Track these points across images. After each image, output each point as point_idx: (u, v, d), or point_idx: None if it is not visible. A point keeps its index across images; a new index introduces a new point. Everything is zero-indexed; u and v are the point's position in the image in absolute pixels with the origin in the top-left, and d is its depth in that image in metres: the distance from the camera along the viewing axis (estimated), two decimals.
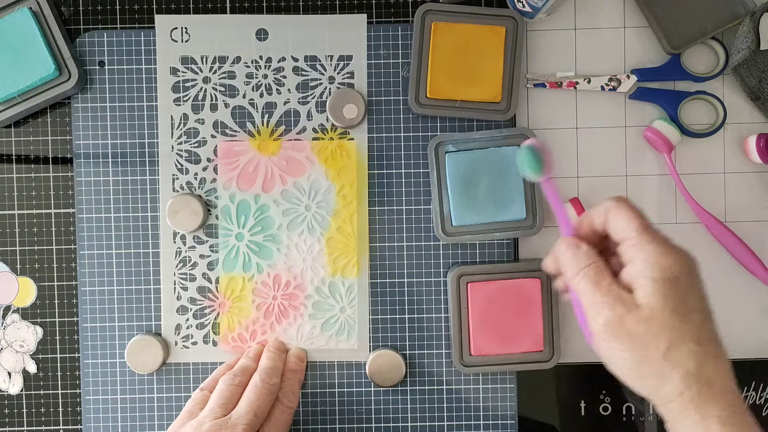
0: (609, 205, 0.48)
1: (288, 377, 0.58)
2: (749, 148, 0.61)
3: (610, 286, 0.46)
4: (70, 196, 0.62)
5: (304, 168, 0.62)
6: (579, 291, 0.48)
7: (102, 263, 0.62)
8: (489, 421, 0.62)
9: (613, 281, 0.47)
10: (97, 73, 0.62)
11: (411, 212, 0.62)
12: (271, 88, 0.62)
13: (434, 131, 0.62)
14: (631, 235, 0.47)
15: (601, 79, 0.61)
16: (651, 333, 0.45)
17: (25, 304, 0.62)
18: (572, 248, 0.49)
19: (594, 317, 0.47)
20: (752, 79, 0.60)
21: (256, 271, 0.62)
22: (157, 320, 0.62)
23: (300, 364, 0.60)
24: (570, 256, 0.49)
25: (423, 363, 0.62)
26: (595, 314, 0.46)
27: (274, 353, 0.59)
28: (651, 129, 0.60)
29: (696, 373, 0.44)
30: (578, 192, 0.62)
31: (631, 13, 0.62)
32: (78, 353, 0.62)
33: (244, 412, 0.53)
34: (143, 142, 0.62)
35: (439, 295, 0.62)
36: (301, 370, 0.60)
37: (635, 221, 0.47)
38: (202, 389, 0.57)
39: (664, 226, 0.62)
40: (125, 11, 0.62)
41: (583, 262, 0.48)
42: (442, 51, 0.60)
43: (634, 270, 0.46)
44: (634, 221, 0.47)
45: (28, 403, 0.62)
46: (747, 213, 0.62)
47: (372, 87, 0.62)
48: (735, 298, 0.62)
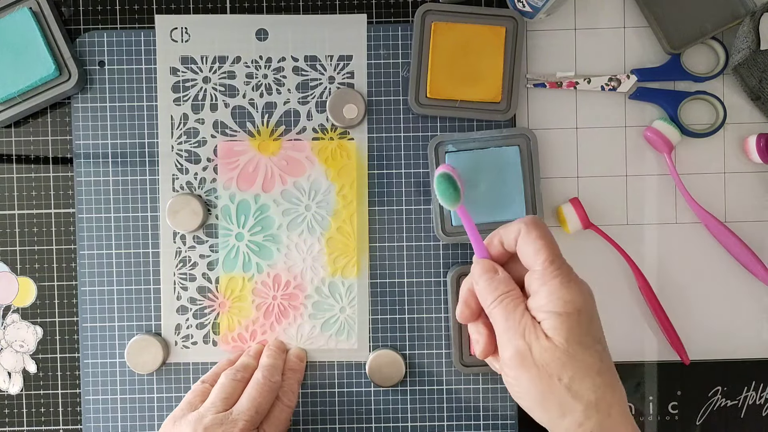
0: (520, 227, 0.48)
1: (288, 376, 0.58)
2: (749, 148, 0.61)
3: (523, 316, 0.47)
4: (70, 196, 0.62)
5: (304, 168, 0.62)
6: (493, 317, 0.48)
7: (102, 263, 0.62)
8: (489, 421, 0.62)
9: (526, 311, 0.47)
10: (97, 73, 0.62)
11: (411, 212, 0.62)
12: (271, 88, 0.62)
13: (434, 131, 0.62)
14: (537, 268, 0.47)
15: (601, 79, 0.61)
16: (556, 364, 0.45)
17: (25, 304, 0.62)
18: (490, 273, 0.49)
19: (505, 345, 0.47)
20: (752, 79, 0.60)
21: (256, 271, 0.62)
22: (157, 320, 0.62)
23: (300, 363, 0.60)
24: (487, 280, 0.49)
25: (423, 363, 0.62)
26: (506, 342, 0.47)
27: (275, 352, 0.59)
28: (651, 129, 0.60)
29: (596, 404, 0.45)
30: (578, 192, 0.62)
31: (631, 13, 0.62)
32: (78, 353, 0.62)
33: (245, 408, 0.53)
34: (143, 142, 0.62)
35: (439, 295, 0.62)
36: (301, 369, 0.60)
37: (543, 253, 0.47)
38: (203, 381, 0.57)
39: (664, 226, 0.62)
40: (125, 11, 0.62)
41: (500, 290, 0.48)
42: (442, 51, 0.60)
43: (540, 302, 0.47)
44: (541, 253, 0.47)
45: (28, 403, 0.62)
46: (747, 213, 0.62)
47: (372, 87, 0.62)
48: (735, 298, 0.62)
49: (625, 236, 0.62)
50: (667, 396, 0.62)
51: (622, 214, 0.62)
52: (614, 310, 0.62)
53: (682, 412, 0.62)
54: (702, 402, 0.62)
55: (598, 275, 0.62)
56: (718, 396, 0.62)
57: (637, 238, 0.62)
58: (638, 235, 0.62)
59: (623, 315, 0.62)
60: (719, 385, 0.62)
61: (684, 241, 0.62)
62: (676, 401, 0.62)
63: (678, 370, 0.62)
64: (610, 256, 0.62)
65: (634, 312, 0.62)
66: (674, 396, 0.62)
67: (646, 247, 0.62)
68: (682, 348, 0.61)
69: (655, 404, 0.62)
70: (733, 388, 0.62)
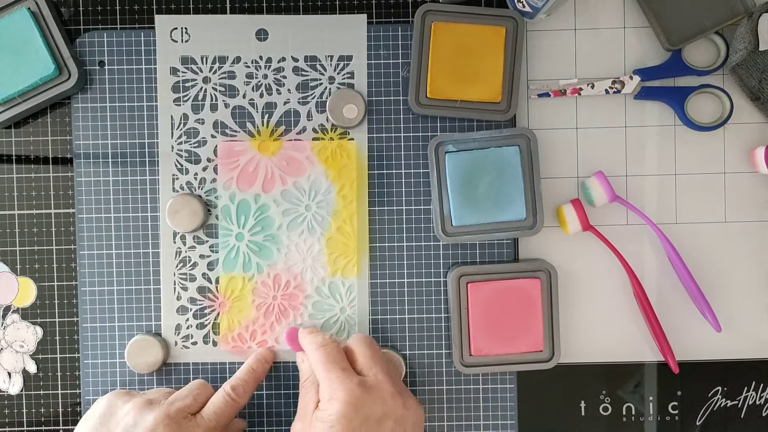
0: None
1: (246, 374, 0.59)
2: (757, 160, 0.60)
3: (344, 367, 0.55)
4: (70, 196, 0.62)
5: (304, 168, 0.62)
6: (314, 362, 0.56)
7: (102, 263, 0.62)
8: (489, 421, 0.62)
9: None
10: (97, 73, 0.62)
11: (411, 212, 0.62)
12: (271, 88, 0.62)
13: (434, 131, 0.62)
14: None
15: (605, 82, 0.61)
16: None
17: (25, 304, 0.62)
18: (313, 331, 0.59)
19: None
20: (752, 80, 0.60)
21: (256, 271, 0.62)
22: (157, 320, 0.62)
23: (263, 365, 0.60)
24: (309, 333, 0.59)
25: (423, 363, 0.62)
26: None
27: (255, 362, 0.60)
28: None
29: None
30: (578, 193, 0.62)
31: (630, 12, 0.62)
32: (78, 353, 0.62)
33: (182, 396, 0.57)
34: (143, 142, 0.62)
35: (439, 295, 0.62)
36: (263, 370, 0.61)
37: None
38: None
39: (664, 226, 0.62)
40: (125, 11, 0.62)
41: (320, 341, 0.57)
42: (442, 51, 0.60)
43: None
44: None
45: (28, 403, 0.62)
46: (747, 213, 0.62)
47: (372, 87, 0.62)
48: (735, 298, 0.62)
49: (625, 237, 0.62)
50: (667, 396, 0.62)
51: (622, 215, 0.62)
52: (614, 311, 0.62)
53: (682, 412, 0.62)
54: (702, 402, 0.62)
55: (598, 276, 0.62)
56: (718, 396, 0.62)
57: (637, 239, 0.62)
58: (638, 235, 0.62)
59: (623, 315, 0.62)
60: (719, 385, 0.62)
61: (684, 240, 0.62)
62: (676, 401, 0.62)
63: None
64: (610, 257, 0.62)
65: (634, 312, 0.62)
66: (674, 396, 0.62)
67: (645, 248, 0.62)
68: (672, 355, 0.61)
69: (655, 404, 0.62)
70: (733, 388, 0.62)
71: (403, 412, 0.53)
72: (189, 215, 0.61)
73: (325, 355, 0.55)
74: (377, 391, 0.53)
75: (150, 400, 0.55)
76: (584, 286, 0.62)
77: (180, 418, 0.54)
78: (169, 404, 0.55)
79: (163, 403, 0.55)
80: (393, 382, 0.54)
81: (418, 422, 0.54)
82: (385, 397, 0.53)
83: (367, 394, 0.52)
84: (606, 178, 0.60)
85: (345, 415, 0.51)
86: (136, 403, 0.55)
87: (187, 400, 0.55)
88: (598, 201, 0.60)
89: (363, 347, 0.57)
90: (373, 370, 0.55)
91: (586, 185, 0.61)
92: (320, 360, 0.55)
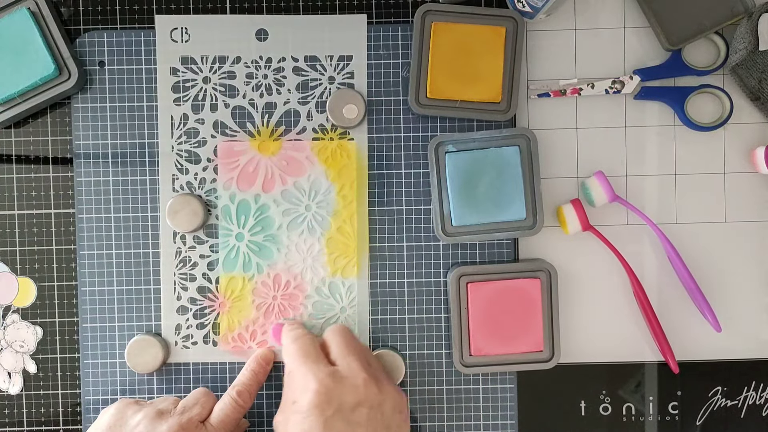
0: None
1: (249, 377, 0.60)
2: (757, 160, 0.60)
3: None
4: (70, 196, 0.62)
5: (304, 168, 0.62)
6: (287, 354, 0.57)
7: (102, 263, 0.62)
8: (489, 421, 0.62)
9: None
10: (97, 73, 0.62)
11: (411, 212, 0.62)
12: (271, 88, 0.62)
13: (434, 131, 0.62)
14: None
15: (605, 82, 0.61)
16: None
17: (25, 304, 0.62)
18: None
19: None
20: (752, 80, 0.60)
21: (256, 271, 0.62)
22: (157, 320, 0.62)
23: (265, 366, 0.61)
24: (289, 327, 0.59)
25: (423, 363, 0.62)
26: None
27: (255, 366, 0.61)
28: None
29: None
30: (578, 193, 0.62)
31: (630, 12, 0.62)
32: (78, 353, 0.62)
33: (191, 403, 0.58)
34: (143, 142, 0.62)
35: (439, 295, 0.62)
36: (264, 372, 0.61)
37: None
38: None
39: (664, 226, 0.62)
40: (125, 11, 0.62)
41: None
42: (442, 51, 0.60)
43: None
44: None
45: (28, 403, 0.62)
46: (747, 213, 0.62)
47: (372, 87, 0.62)
48: (735, 298, 0.62)
49: (625, 237, 0.62)
50: (667, 396, 0.62)
51: (622, 215, 0.62)
52: (614, 311, 0.62)
53: (682, 412, 0.62)
54: (702, 402, 0.62)
55: (598, 276, 0.62)
56: (718, 396, 0.62)
57: (637, 239, 0.62)
58: (638, 235, 0.62)
59: (623, 315, 0.62)
60: (719, 385, 0.62)
61: (685, 241, 0.62)
62: (676, 401, 0.62)
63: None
64: (610, 257, 0.62)
65: (634, 312, 0.62)
66: (674, 396, 0.62)
67: (645, 248, 0.62)
68: (672, 355, 0.61)
69: (655, 404, 0.62)
70: (733, 388, 0.62)
71: (379, 397, 0.53)
72: (189, 215, 0.61)
73: (297, 348, 0.56)
74: (350, 380, 0.53)
75: (160, 411, 0.56)
76: (584, 286, 0.62)
77: (192, 427, 0.55)
78: (180, 414, 0.56)
79: (174, 413, 0.56)
80: (367, 369, 0.54)
81: (397, 406, 0.54)
82: (358, 384, 0.53)
83: (338, 384, 0.53)
84: (606, 178, 0.60)
85: (317, 405, 0.52)
86: (148, 414, 0.55)
87: (196, 409, 0.56)
88: (598, 201, 0.60)
89: (337, 337, 0.57)
90: (347, 359, 0.55)
91: (586, 185, 0.61)
92: (294, 353, 0.56)
